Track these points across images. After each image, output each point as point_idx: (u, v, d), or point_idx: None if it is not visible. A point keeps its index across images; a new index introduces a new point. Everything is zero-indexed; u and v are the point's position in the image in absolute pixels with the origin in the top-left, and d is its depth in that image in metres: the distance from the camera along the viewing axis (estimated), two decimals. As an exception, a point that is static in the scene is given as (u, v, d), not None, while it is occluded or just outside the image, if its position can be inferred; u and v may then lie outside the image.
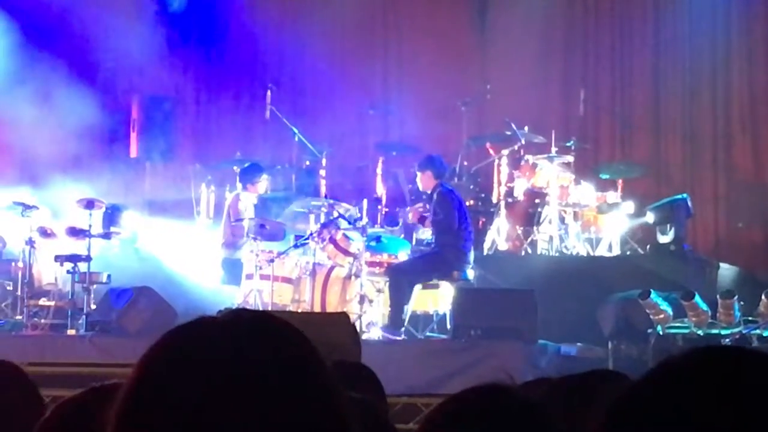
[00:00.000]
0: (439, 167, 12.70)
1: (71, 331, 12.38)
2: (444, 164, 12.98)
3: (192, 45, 17.09)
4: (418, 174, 12.76)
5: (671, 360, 1.54)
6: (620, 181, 14.62)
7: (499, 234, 13.96)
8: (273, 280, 12.31)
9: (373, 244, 12.60)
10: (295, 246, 12.61)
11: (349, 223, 12.67)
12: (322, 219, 13.11)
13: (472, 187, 14.65)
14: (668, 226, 13.80)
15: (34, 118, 15.39)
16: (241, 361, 1.52)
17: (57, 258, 12.72)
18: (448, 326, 11.97)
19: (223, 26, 17.19)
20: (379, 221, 14.02)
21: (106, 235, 13.43)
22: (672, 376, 1.52)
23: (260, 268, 12.33)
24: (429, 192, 12.67)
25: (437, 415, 2.21)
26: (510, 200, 14.02)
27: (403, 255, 12.71)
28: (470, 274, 12.43)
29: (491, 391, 2.20)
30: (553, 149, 14.24)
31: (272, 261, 12.31)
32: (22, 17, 15.75)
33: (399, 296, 12.08)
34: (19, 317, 12.71)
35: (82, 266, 12.58)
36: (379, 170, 14.93)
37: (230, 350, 1.53)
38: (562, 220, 13.97)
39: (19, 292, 12.81)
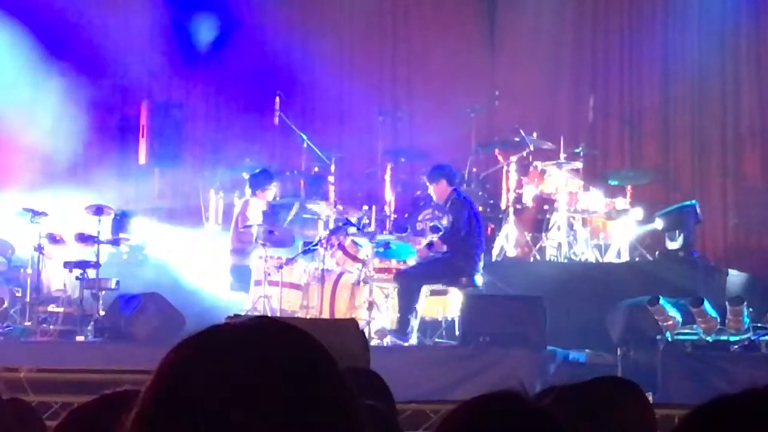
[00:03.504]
0: (450, 174, 12.66)
1: (80, 338, 12.40)
2: (454, 171, 12.94)
3: (201, 51, 17.10)
4: (431, 186, 12.69)
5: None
6: (629, 187, 14.59)
7: (508, 240, 13.93)
8: (282, 287, 12.30)
9: (381, 250, 12.60)
10: (304, 252, 12.60)
11: (358, 229, 12.65)
12: (331, 225, 13.11)
13: (480, 193, 14.61)
14: (677, 232, 13.76)
15: (43, 125, 15.42)
16: (260, 368, 1.54)
17: (66, 264, 12.73)
18: (457, 332, 11.96)
19: (232, 33, 17.20)
20: (387, 227, 14.01)
21: (115, 242, 13.46)
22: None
23: (269, 275, 12.32)
24: (443, 201, 12.63)
25: (451, 422, 2.21)
26: (519, 207, 13.99)
27: (411, 261, 12.70)
28: (479, 280, 12.40)
29: (503, 398, 2.20)
30: (562, 155, 14.20)
31: (281, 267, 12.31)
32: (34, 24, 15.77)
33: (408, 302, 12.06)
34: (28, 323, 12.73)
35: (91, 272, 12.61)
36: (387, 176, 14.93)
37: (250, 357, 1.55)
38: (570, 226, 13.93)
39: (28, 299, 12.84)
